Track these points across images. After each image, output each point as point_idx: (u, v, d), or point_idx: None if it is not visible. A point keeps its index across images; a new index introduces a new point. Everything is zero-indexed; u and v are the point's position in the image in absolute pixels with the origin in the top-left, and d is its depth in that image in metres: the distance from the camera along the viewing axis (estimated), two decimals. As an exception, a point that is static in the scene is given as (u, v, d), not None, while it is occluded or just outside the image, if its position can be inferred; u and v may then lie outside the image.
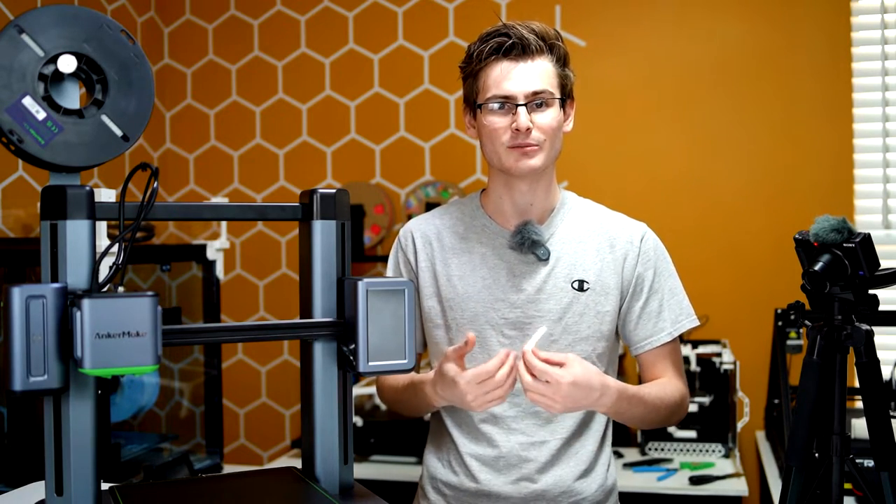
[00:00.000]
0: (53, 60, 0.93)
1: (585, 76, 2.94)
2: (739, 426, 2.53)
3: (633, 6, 2.94)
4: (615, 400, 1.40)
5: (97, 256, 0.91)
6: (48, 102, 0.92)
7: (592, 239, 1.55)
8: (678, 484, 2.37)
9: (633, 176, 2.93)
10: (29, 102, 0.91)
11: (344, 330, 1.03)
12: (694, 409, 2.57)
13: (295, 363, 3.20)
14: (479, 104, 1.49)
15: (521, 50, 1.45)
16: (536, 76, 1.45)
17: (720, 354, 2.62)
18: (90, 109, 0.95)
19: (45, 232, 0.91)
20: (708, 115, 2.89)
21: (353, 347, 1.00)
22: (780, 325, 2.38)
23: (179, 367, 2.85)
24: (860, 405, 1.79)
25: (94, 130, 0.95)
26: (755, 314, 2.80)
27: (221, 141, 3.30)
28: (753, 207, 2.85)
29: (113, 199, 1.82)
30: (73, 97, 0.95)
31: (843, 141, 2.78)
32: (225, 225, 2.86)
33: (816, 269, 1.39)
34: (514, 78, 1.44)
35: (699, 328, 2.79)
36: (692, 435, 2.60)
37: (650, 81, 2.92)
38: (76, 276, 0.90)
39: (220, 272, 2.63)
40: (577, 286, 1.51)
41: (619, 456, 2.61)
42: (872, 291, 1.42)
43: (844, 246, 1.39)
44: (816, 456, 1.50)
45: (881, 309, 1.46)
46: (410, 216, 2.90)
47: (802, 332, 2.30)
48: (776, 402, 2.61)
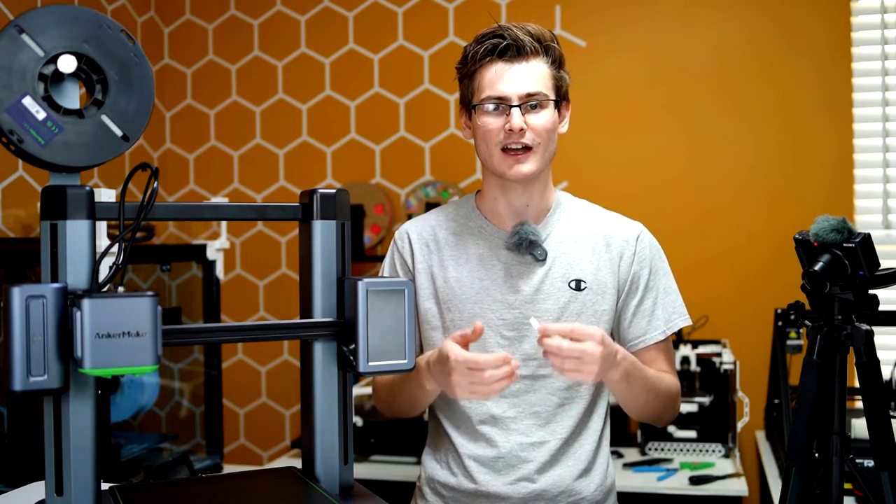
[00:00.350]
0: (53, 60, 0.93)
1: (585, 76, 2.95)
2: (739, 426, 2.53)
3: (633, 6, 2.94)
4: (625, 358, 1.40)
5: (97, 256, 0.91)
6: (48, 102, 0.92)
7: (588, 238, 1.55)
8: (678, 484, 2.37)
9: (632, 176, 2.93)
10: (29, 102, 0.91)
11: (344, 330, 1.03)
12: (694, 409, 2.57)
13: (295, 363, 3.20)
14: (473, 105, 1.49)
15: (515, 51, 1.45)
16: (531, 78, 1.45)
17: (720, 354, 2.62)
18: (90, 109, 0.95)
19: (45, 232, 0.91)
20: (708, 114, 2.89)
21: (353, 347, 1.00)
22: (780, 325, 2.38)
23: (179, 367, 2.85)
24: (860, 405, 1.78)
25: (94, 130, 0.95)
26: (755, 314, 2.80)
27: (221, 141, 3.30)
28: (753, 207, 2.85)
29: (113, 199, 1.82)
30: (73, 97, 0.95)
31: (843, 141, 2.78)
32: (225, 225, 2.86)
33: (816, 269, 1.39)
34: (508, 79, 1.45)
35: (699, 328, 2.81)
36: (692, 435, 2.60)
37: (650, 81, 2.92)
38: (76, 276, 0.90)
39: (220, 272, 2.63)
40: (574, 286, 1.51)
41: (619, 456, 2.61)
42: (872, 291, 1.42)
43: (844, 246, 1.39)
44: (816, 456, 1.50)
45: (881, 309, 1.46)
46: (410, 216, 2.89)
47: (802, 332, 2.30)
48: (776, 402, 2.61)
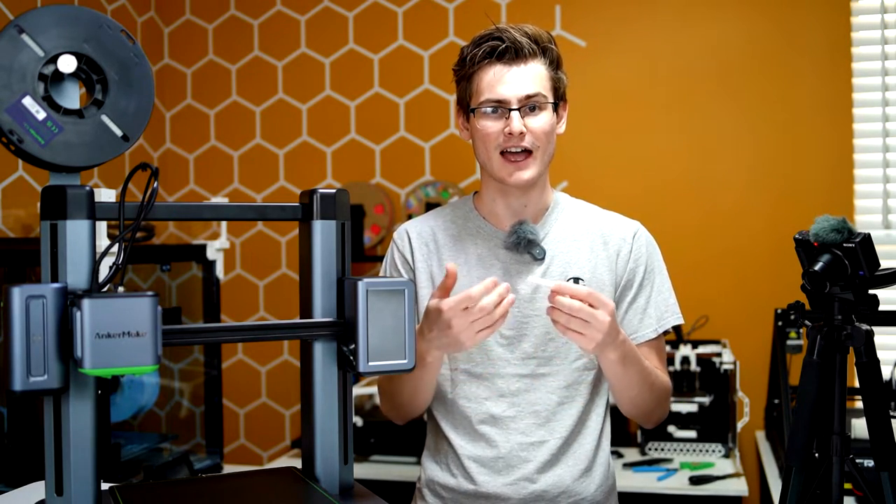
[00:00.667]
0: (53, 60, 0.93)
1: (585, 76, 2.95)
2: (739, 426, 2.53)
3: (633, 6, 2.94)
4: (626, 342, 1.40)
5: (97, 256, 0.91)
6: (48, 102, 0.92)
7: (586, 237, 1.56)
8: (678, 484, 2.37)
9: (632, 176, 2.93)
10: (29, 102, 0.91)
11: (344, 330, 1.03)
12: (694, 409, 2.57)
13: (295, 363, 3.20)
14: (472, 108, 1.49)
15: (514, 54, 1.45)
16: (529, 80, 1.45)
17: (720, 354, 2.62)
18: (90, 109, 0.95)
19: (45, 232, 0.91)
20: (708, 114, 2.89)
21: (353, 347, 1.00)
22: (780, 325, 2.38)
23: (179, 367, 2.85)
24: (860, 405, 1.78)
25: (94, 130, 0.95)
26: (755, 314, 2.80)
27: (221, 141, 3.30)
28: (753, 207, 2.85)
29: (113, 199, 1.82)
30: (73, 97, 0.95)
31: (843, 141, 2.78)
32: (225, 225, 2.86)
33: (816, 269, 1.39)
34: (507, 82, 1.44)
35: (699, 328, 2.81)
36: (692, 435, 2.60)
37: (650, 82, 2.92)
38: (76, 276, 0.90)
39: (220, 272, 2.63)
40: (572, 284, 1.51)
41: (619, 456, 2.61)
42: (872, 291, 1.42)
43: (844, 246, 1.39)
44: (816, 456, 1.50)
45: (881, 309, 1.46)
46: (410, 216, 2.90)
47: (802, 332, 2.30)
48: (776, 402, 2.61)
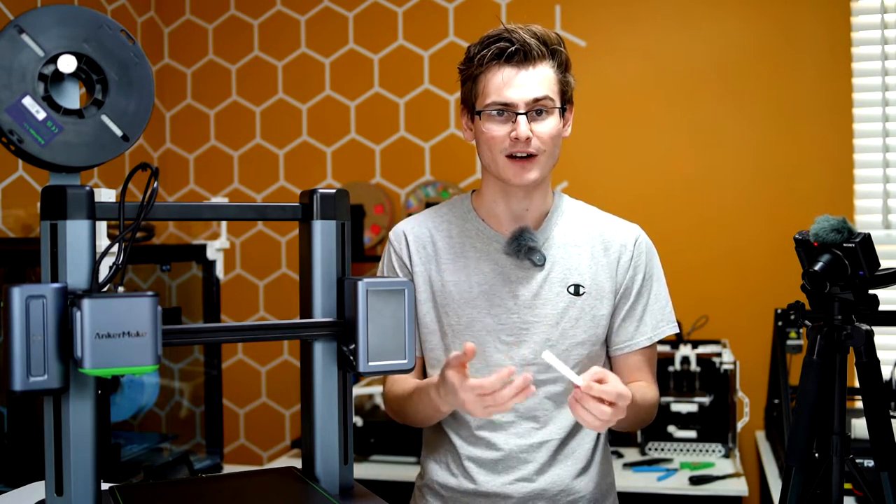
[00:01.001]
0: (53, 60, 0.93)
1: (585, 76, 2.94)
2: (739, 426, 2.53)
3: (633, 6, 2.94)
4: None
5: (97, 256, 0.91)
6: (48, 102, 0.92)
7: (587, 242, 1.54)
8: (678, 484, 2.37)
9: (632, 176, 2.93)
10: (29, 102, 0.91)
11: (344, 330, 1.03)
12: (694, 409, 2.57)
13: (295, 363, 3.20)
14: (478, 111, 1.47)
15: (522, 56, 1.43)
16: (537, 83, 1.43)
17: (720, 354, 2.62)
18: (90, 109, 0.95)
19: (45, 232, 0.91)
20: (708, 114, 2.89)
21: (353, 347, 1.00)
22: (780, 325, 2.38)
23: (179, 367, 2.85)
24: (860, 405, 1.78)
25: (94, 130, 0.95)
26: (755, 314, 2.80)
27: (221, 141, 3.30)
28: (753, 207, 2.85)
29: (113, 199, 1.81)
30: (73, 97, 0.95)
31: (843, 141, 2.78)
32: (225, 225, 2.86)
33: (816, 269, 1.39)
34: (515, 85, 1.43)
35: (699, 328, 2.81)
36: (692, 435, 2.60)
37: (650, 82, 2.92)
38: (76, 276, 0.90)
39: (220, 272, 2.63)
40: (572, 291, 1.51)
41: (619, 456, 2.61)
42: (872, 291, 1.42)
43: (844, 246, 1.39)
44: (816, 456, 1.50)
45: (881, 309, 1.46)
46: (410, 216, 2.89)
47: (802, 332, 2.30)
48: (776, 402, 2.61)
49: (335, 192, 1.05)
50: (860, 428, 2.01)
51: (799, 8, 2.81)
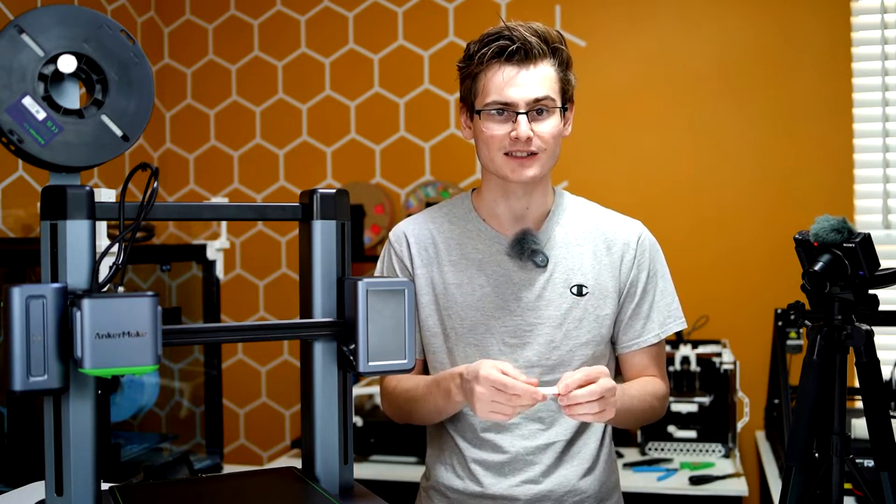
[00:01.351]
0: (53, 60, 0.93)
1: (585, 76, 2.93)
2: (739, 426, 2.53)
3: (633, 6, 2.94)
4: (621, 394, 1.42)
5: (97, 256, 0.91)
6: (48, 102, 0.92)
7: (589, 241, 1.54)
8: (678, 484, 2.37)
9: (632, 176, 2.93)
10: (29, 102, 0.91)
11: (344, 330, 1.03)
12: (694, 409, 2.57)
13: (295, 363, 3.20)
14: (478, 110, 1.46)
15: (523, 55, 1.41)
16: (538, 82, 1.42)
17: (720, 354, 2.61)
18: (90, 109, 0.95)
19: (45, 232, 0.91)
20: (708, 114, 2.89)
21: (353, 347, 1.00)
22: (780, 325, 2.38)
23: (179, 367, 2.85)
24: (860, 405, 1.79)
25: (94, 130, 0.95)
26: (755, 314, 2.80)
27: (221, 141, 3.30)
28: (753, 207, 2.85)
29: (113, 199, 1.81)
30: (73, 97, 0.95)
31: (843, 141, 2.78)
32: (225, 225, 2.86)
33: (816, 269, 1.39)
34: (515, 85, 1.41)
35: (699, 328, 2.81)
36: (692, 435, 2.60)
37: (650, 82, 2.92)
38: (76, 276, 0.90)
39: (220, 272, 2.63)
40: (575, 291, 1.50)
41: (619, 456, 2.61)
42: (872, 291, 1.42)
43: (844, 246, 1.39)
44: (816, 456, 1.50)
45: (881, 309, 1.46)
46: (410, 217, 2.89)
47: (802, 332, 2.30)
48: (776, 402, 2.61)
49: (335, 192, 1.04)
50: (860, 428, 2.01)
51: (799, 8, 2.81)
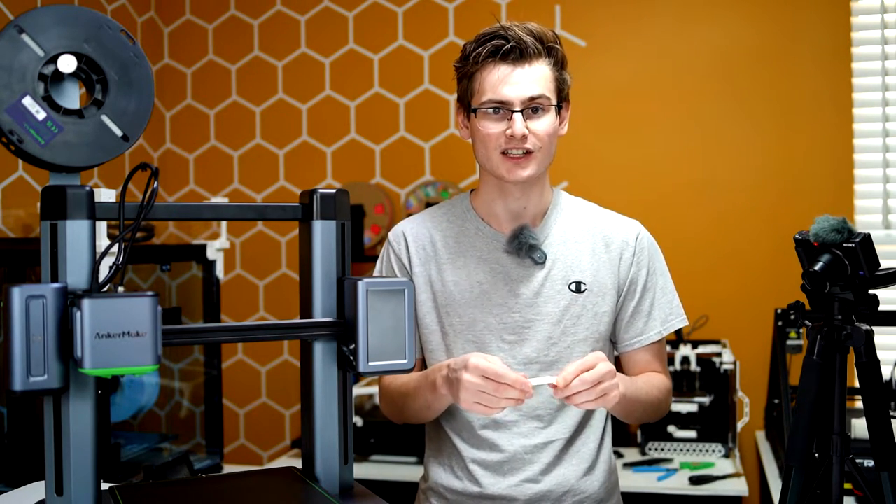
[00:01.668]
0: (53, 60, 0.93)
1: (585, 76, 2.94)
2: (739, 426, 2.53)
3: (633, 6, 2.94)
4: (623, 379, 1.42)
5: (97, 256, 0.91)
6: (48, 102, 0.92)
7: (587, 239, 1.54)
8: (678, 484, 2.37)
9: (633, 176, 2.93)
10: (29, 102, 0.91)
11: (344, 330, 1.03)
12: (694, 409, 2.57)
13: (295, 363, 3.20)
14: (473, 108, 1.47)
15: (518, 54, 1.42)
16: (533, 81, 1.43)
17: (720, 354, 2.62)
18: (90, 109, 0.95)
19: (45, 232, 0.91)
20: (708, 114, 2.89)
21: (353, 347, 1.00)
22: (780, 325, 2.38)
23: (179, 367, 2.85)
24: (860, 405, 1.78)
25: (94, 130, 0.95)
26: (755, 314, 2.80)
27: (221, 141, 3.30)
28: (753, 207, 2.85)
29: (113, 199, 1.81)
30: (73, 97, 0.95)
31: (843, 141, 2.78)
32: (225, 225, 2.86)
33: (816, 269, 1.39)
34: (510, 83, 1.42)
35: (699, 328, 2.81)
36: (692, 435, 2.60)
37: (650, 82, 2.92)
38: (76, 276, 0.90)
39: (220, 272, 2.63)
40: (574, 288, 1.51)
41: (619, 456, 2.61)
42: (872, 291, 1.42)
43: (844, 246, 1.39)
44: (816, 456, 1.50)
45: (881, 309, 1.46)
46: (409, 217, 2.89)
47: (802, 332, 2.30)
48: (776, 402, 2.61)
49: (335, 192, 1.04)
50: (860, 428, 2.01)
51: (799, 8, 2.81)
